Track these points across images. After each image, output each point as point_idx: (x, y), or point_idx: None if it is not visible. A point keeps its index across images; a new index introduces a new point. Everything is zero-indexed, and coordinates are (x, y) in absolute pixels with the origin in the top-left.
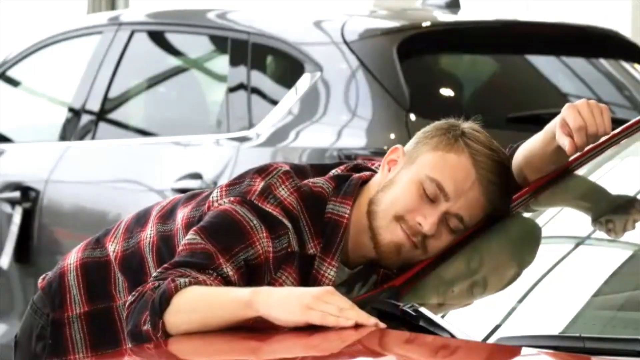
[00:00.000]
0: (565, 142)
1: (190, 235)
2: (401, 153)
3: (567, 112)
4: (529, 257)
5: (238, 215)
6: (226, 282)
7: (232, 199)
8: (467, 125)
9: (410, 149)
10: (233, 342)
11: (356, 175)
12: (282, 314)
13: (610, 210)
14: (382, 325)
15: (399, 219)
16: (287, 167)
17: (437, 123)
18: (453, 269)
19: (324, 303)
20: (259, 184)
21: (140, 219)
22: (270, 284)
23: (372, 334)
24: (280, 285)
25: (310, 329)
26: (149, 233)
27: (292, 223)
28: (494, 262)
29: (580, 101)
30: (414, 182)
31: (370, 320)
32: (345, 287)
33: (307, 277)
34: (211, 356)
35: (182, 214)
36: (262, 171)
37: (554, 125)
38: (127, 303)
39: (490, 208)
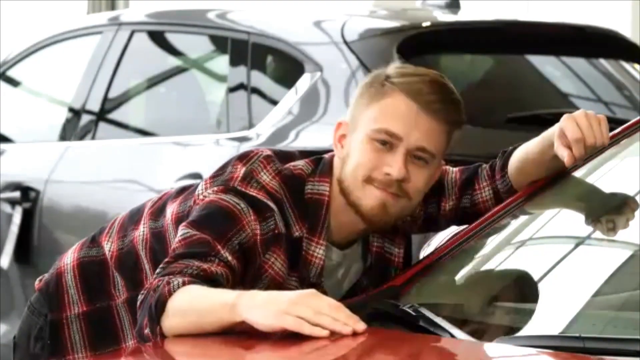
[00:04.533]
0: (564, 154)
1: (182, 230)
2: (345, 125)
3: (565, 123)
4: (529, 257)
5: (224, 202)
6: (228, 267)
7: (215, 189)
8: (389, 67)
9: (350, 116)
10: (231, 346)
11: (329, 154)
12: (260, 318)
13: (610, 211)
14: (361, 328)
15: (368, 180)
16: (268, 152)
17: (362, 80)
18: (453, 270)
19: (301, 307)
20: (241, 170)
21: (134, 216)
22: (260, 266)
23: (372, 334)
24: (270, 267)
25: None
26: (141, 230)
27: (276, 206)
28: (494, 262)
29: (578, 112)
30: (364, 141)
31: (345, 328)
32: (340, 267)
33: (298, 260)
34: (205, 358)
35: (171, 210)
36: (243, 157)
37: (551, 134)
38: (138, 302)
39: (448, 125)
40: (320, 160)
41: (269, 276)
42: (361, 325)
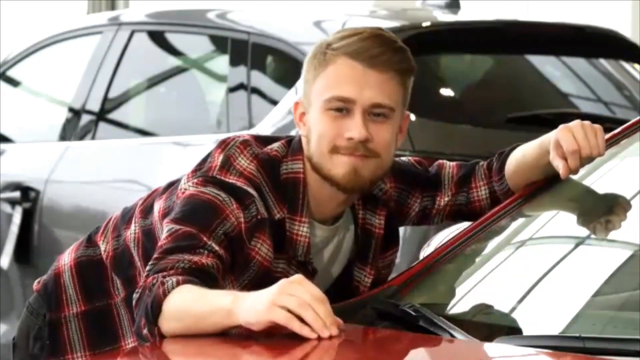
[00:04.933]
0: (559, 165)
1: (167, 226)
2: (301, 103)
3: (561, 134)
4: (529, 257)
5: (205, 195)
6: (217, 257)
7: (195, 181)
8: (330, 36)
9: (303, 94)
10: (228, 346)
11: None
12: (253, 317)
13: (610, 211)
14: (335, 332)
15: (333, 150)
16: (246, 137)
17: (306, 56)
18: (453, 270)
19: (287, 296)
20: (218, 158)
21: (126, 215)
22: (247, 253)
23: (372, 334)
24: (257, 253)
25: None
26: (133, 229)
27: (256, 191)
28: (493, 263)
29: (574, 122)
30: (320, 114)
31: (324, 331)
32: (328, 244)
33: (283, 242)
34: (202, 358)
35: (157, 206)
36: (221, 144)
37: (547, 141)
38: (134, 301)
39: (399, 74)
40: (293, 141)
41: (257, 262)
42: (334, 330)
